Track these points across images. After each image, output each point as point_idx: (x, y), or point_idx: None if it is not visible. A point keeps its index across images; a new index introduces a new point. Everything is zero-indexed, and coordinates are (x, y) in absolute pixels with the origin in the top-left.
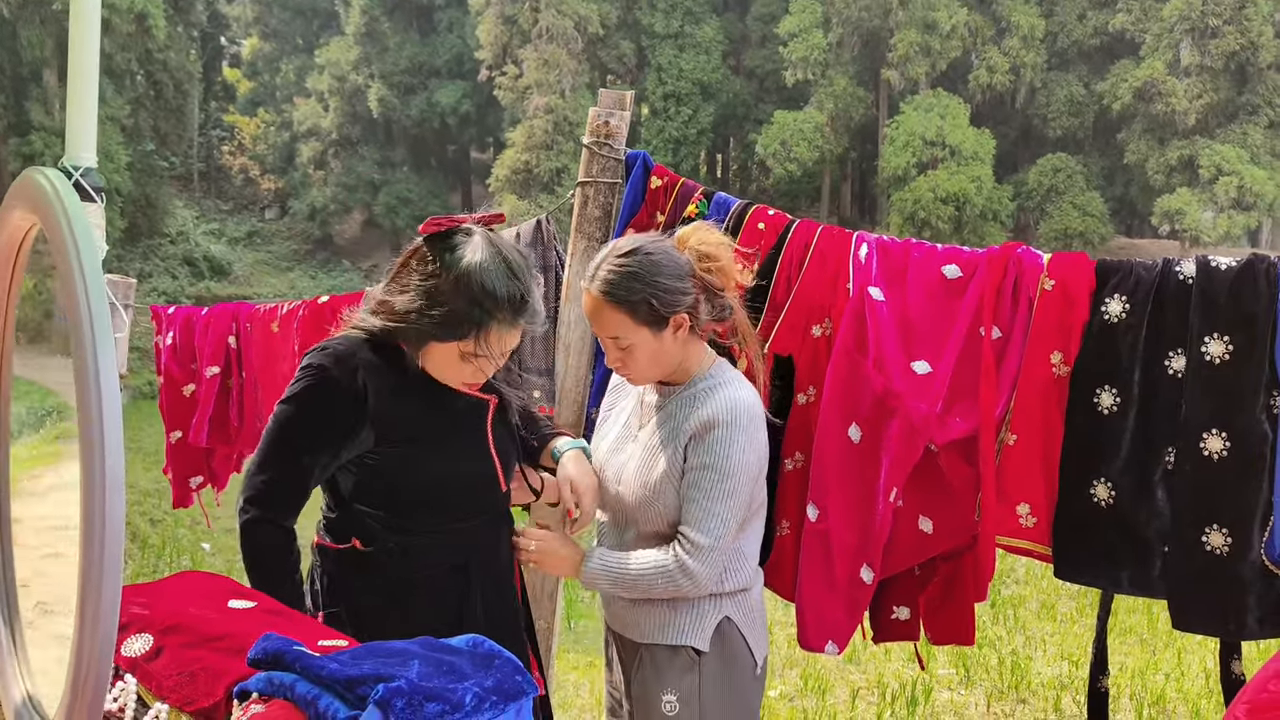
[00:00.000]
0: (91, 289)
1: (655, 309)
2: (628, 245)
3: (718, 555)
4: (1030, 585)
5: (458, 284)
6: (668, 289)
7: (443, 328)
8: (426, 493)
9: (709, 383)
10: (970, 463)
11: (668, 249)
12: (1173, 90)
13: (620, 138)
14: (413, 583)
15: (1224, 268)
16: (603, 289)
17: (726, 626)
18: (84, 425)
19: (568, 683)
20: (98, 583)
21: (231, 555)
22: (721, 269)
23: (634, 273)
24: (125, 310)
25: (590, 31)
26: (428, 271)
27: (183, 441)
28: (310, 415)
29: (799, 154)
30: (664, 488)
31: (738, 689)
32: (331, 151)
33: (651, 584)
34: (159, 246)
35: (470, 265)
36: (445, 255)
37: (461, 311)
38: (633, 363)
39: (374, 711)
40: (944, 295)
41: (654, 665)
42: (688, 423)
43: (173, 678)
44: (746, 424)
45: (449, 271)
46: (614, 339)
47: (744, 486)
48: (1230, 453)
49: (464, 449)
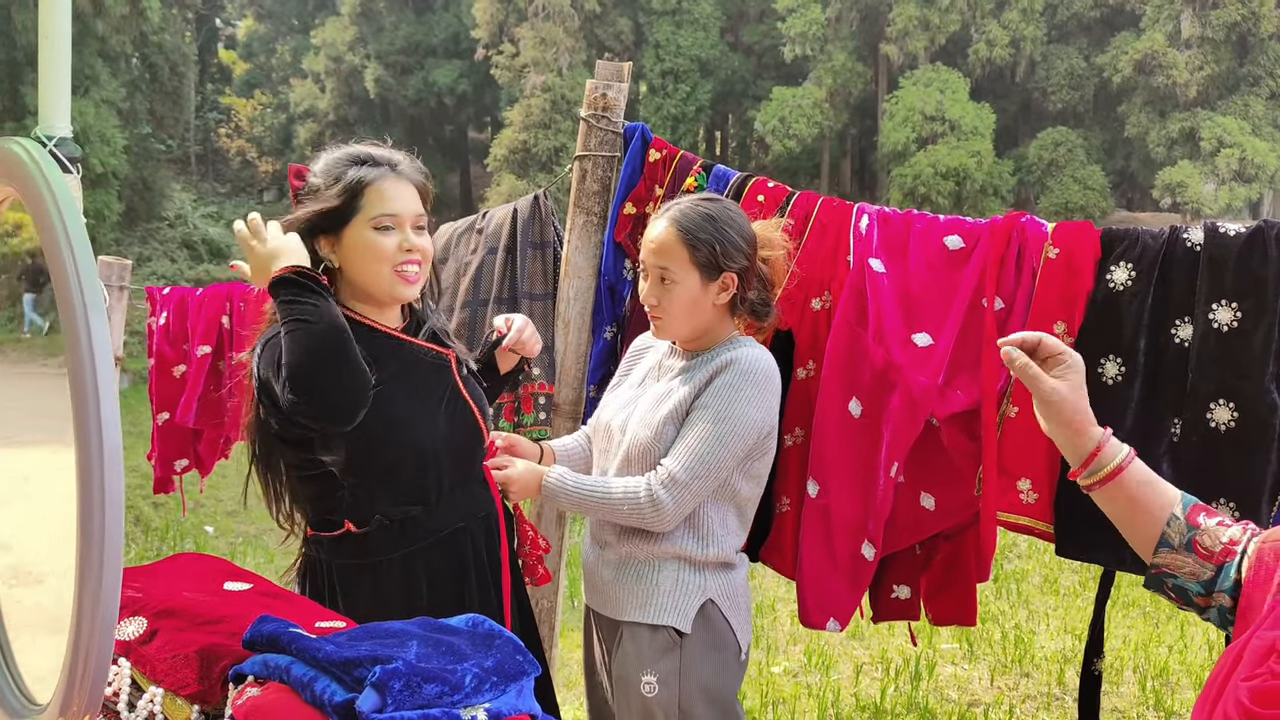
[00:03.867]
0: (80, 256)
1: (715, 255)
2: (714, 195)
3: (689, 495)
4: (1033, 560)
5: (329, 167)
6: (733, 243)
7: (337, 201)
8: (417, 449)
9: (731, 345)
10: (972, 437)
11: (743, 215)
12: (1173, 62)
13: (618, 110)
14: (412, 557)
15: (1233, 234)
16: (676, 219)
17: (710, 609)
18: (78, 400)
19: (571, 661)
20: (98, 571)
21: (234, 538)
22: (776, 262)
23: (710, 215)
24: (121, 292)
25: (587, 9)
26: (303, 200)
27: (170, 423)
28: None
29: (798, 130)
30: (665, 429)
31: (719, 673)
32: (329, 133)
33: (615, 507)
34: (157, 230)
35: (331, 155)
36: (307, 183)
37: (348, 180)
38: (669, 303)
39: (371, 694)
40: (946, 266)
41: (635, 644)
42: (704, 370)
43: (167, 661)
44: (759, 378)
45: (317, 175)
46: (663, 271)
47: (738, 438)
48: (1238, 423)
49: (443, 398)
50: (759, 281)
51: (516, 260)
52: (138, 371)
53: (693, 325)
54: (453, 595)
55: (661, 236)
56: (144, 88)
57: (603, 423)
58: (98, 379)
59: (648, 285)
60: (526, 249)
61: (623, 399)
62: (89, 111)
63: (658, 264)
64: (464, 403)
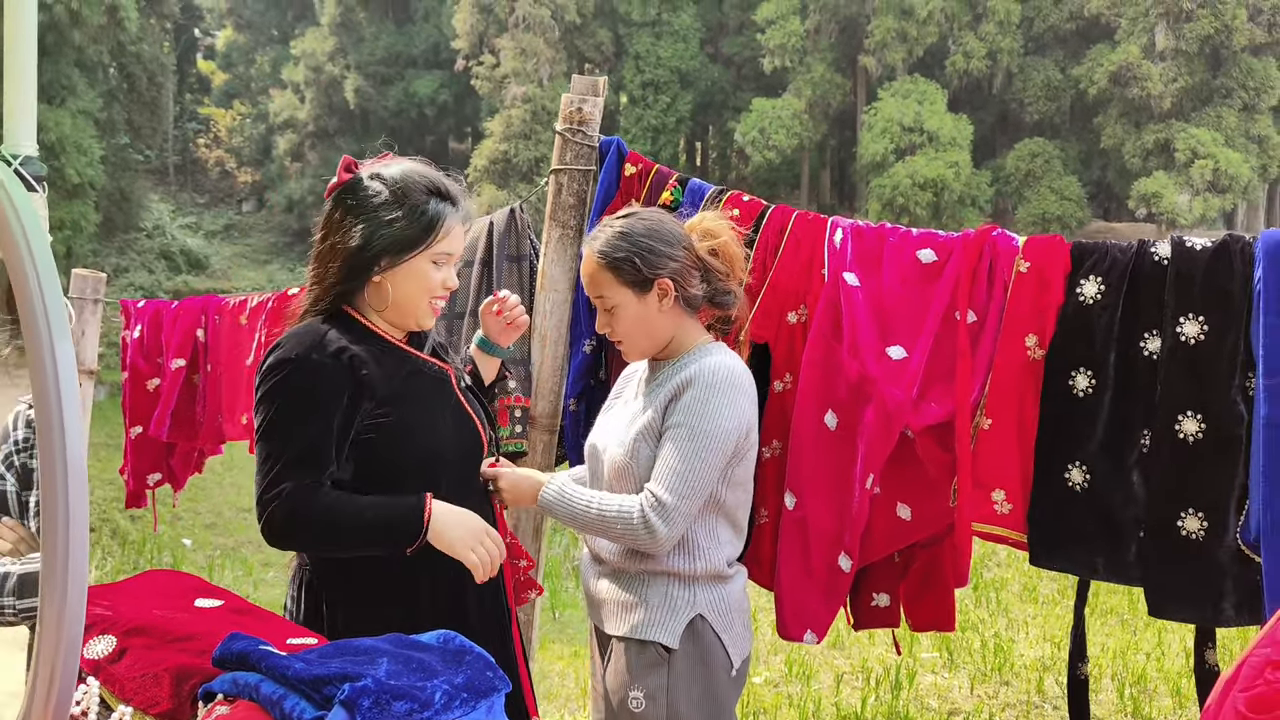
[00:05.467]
0: (43, 275)
1: (639, 268)
2: (625, 211)
3: (679, 516)
4: (1012, 569)
5: (407, 190)
6: (653, 250)
7: (411, 230)
8: (429, 456)
9: (699, 354)
10: (946, 448)
11: (664, 218)
12: (1148, 74)
13: (594, 124)
14: (415, 568)
15: (1199, 248)
16: (594, 247)
17: (699, 625)
18: (42, 417)
19: (552, 672)
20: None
21: (211, 550)
22: (724, 248)
23: (623, 231)
24: (96, 305)
25: (567, 20)
26: (365, 205)
27: (143, 436)
28: (300, 397)
29: (778, 141)
30: (638, 447)
31: (709, 689)
32: (308, 143)
33: (609, 526)
34: (135, 241)
35: (405, 171)
36: (369, 186)
37: (430, 214)
38: (619, 327)
39: (339, 712)
40: (919, 280)
41: (624, 659)
42: (669, 385)
43: (136, 680)
44: (725, 387)
45: (388, 187)
46: (600, 299)
47: (715, 450)
48: (1205, 435)
49: (447, 410)
50: (702, 275)
51: (493, 273)
52: (114, 383)
53: (652, 339)
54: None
55: (587, 268)
56: (121, 98)
57: (590, 444)
58: (61, 400)
59: (598, 318)
60: (503, 262)
61: (610, 423)
62: (65, 122)
63: (594, 295)
64: (466, 415)
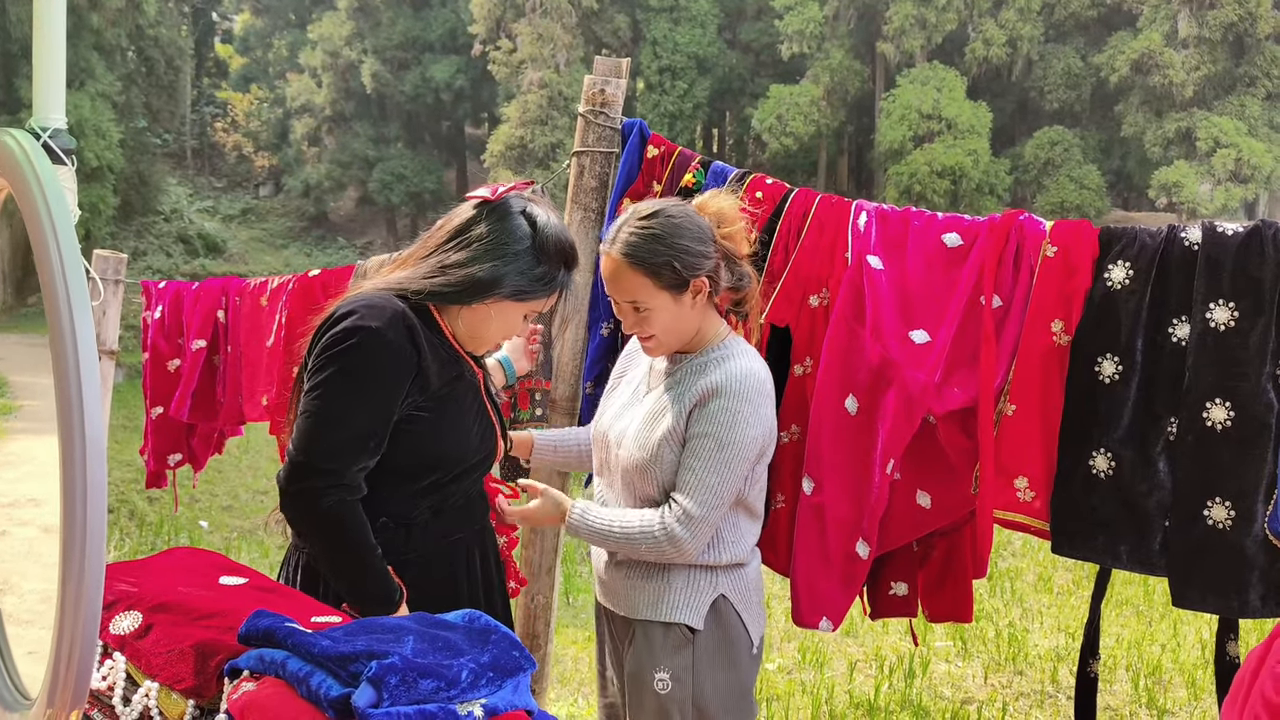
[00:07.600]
0: (65, 251)
1: (678, 272)
2: (649, 208)
3: (706, 526)
4: (1027, 558)
5: (545, 249)
6: (690, 251)
7: (538, 284)
8: (450, 458)
9: (721, 353)
10: (969, 435)
11: (689, 212)
12: (1170, 62)
13: (616, 106)
14: (437, 552)
15: (1230, 233)
16: (625, 251)
17: (722, 604)
18: (61, 392)
19: (566, 657)
20: (80, 557)
21: (229, 533)
22: (736, 234)
23: (657, 234)
24: (117, 285)
25: (584, 5)
26: (507, 243)
27: (164, 417)
28: (369, 373)
29: (795, 128)
30: (662, 451)
31: (733, 668)
32: (325, 128)
33: (635, 545)
34: (153, 224)
35: (553, 228)
36: (518, 225)
37: (553, 269)
38: (651, 329)
39: (367, 689)
40: (944, 264)
41: (647, 642)
42: (693, 389)
43: (162, 655)
44: (753, 396)
45: (534, 236)
46: (633, 303)
47: (742, 460)
48: (1234, 423)
49: (474, 416)
50: (727, 262)
51: None
52: (133, 365)
53: (682, 336)
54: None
55: (619, 271)
56: (140, 81)
57: (600, 431)
58: (80, 372)
59: (625, 318)
60: None
61: (618, 405)
62: (84, 105)
63: (625, 298)
64: (489, 421)
